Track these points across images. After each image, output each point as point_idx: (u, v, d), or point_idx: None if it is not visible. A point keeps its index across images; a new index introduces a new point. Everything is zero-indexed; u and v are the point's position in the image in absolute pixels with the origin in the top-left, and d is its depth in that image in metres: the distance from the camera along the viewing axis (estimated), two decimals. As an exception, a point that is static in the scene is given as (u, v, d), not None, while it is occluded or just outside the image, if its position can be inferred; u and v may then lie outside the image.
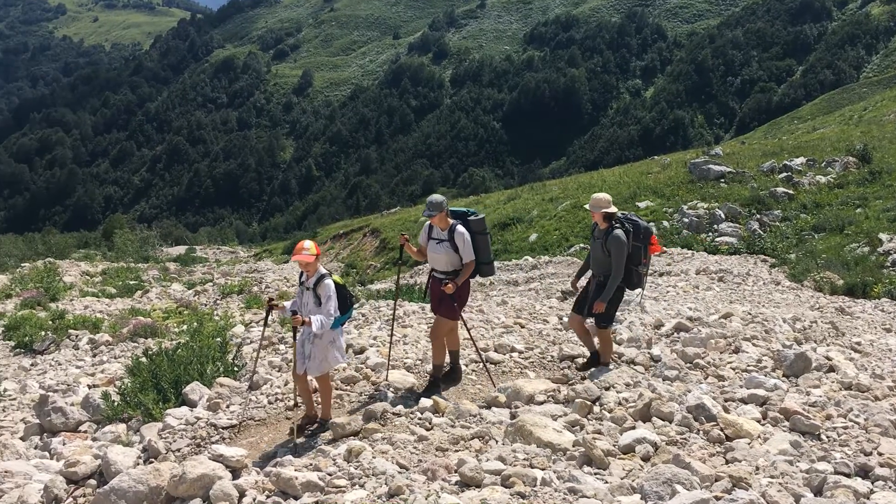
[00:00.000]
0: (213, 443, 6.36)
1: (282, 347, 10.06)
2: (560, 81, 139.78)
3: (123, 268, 26.90)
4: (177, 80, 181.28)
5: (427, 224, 7.22)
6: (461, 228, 6.97)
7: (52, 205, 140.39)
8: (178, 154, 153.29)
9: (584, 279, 7.89)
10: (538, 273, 18.27)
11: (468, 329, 7.83)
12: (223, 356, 8.86)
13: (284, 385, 7.51)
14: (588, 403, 6.26)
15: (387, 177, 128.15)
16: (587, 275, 7.82)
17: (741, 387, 6.80)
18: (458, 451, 5.46)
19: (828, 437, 5.58)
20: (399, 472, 4.93)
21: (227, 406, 7.14)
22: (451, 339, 7.35)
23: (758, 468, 4.87)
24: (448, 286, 6.92)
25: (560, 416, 6.05)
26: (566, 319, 9.37)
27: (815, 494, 4.50)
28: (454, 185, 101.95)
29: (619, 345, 8.43)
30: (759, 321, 9.58)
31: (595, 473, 4.83)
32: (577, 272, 8.01)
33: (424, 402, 6.61)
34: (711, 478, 4.65)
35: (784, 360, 7.45)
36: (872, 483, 4.71)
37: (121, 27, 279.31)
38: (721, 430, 5.58)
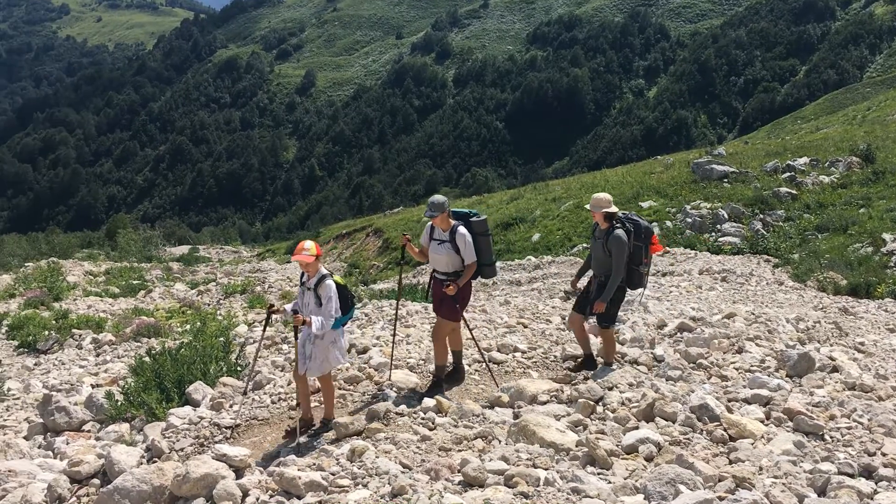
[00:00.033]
0: (217, 442, 6.37)
1: (285, 347, 10.08)
2: (563, 81, 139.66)
3: (127, 267, 26.93)
4: (180, 80, 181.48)
5: (429, 225, 7.20)
6: (462, 230, 6.95)
7: (56, 204, 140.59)
8: (182, 154, 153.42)
9: (585, 279, 7.89)
10: (541, 273, 18.25)
11: (470, 329, 7.83)
12: (226, 356, 8.89)
13: (287, 385, 7.53)
14: (591, 403, 6.26)
15: (390, 177, 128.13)
16: (588, 275, 7.82)
17: (744, 387, 6.79)
18: (462, 451, 5.46)
19: (831, 438, 5.57)
20: (402, 472, 4.93)
21: (231, 406, 7.16)
22: (454, 340, 7.35)
23: (761, 468, 4.86)
24: (450, 288, 6.90)
25: (563, 416, 6.04)
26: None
27: (819, 495, 4.49)
28: (457, 185, 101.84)
29: (623, 345, 8.42)
30: (763, 321, 9.56)
31: (598, 473, 4.83)
32: (578, 272, 8.00)
33: (427, 402, 6.61)
34: (715, 478, 4.64)
35: (787, 361, 7.44)
36: (876, 483, 4.70)
37: (124, 27, 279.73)
38: (724, 431, 5.57)
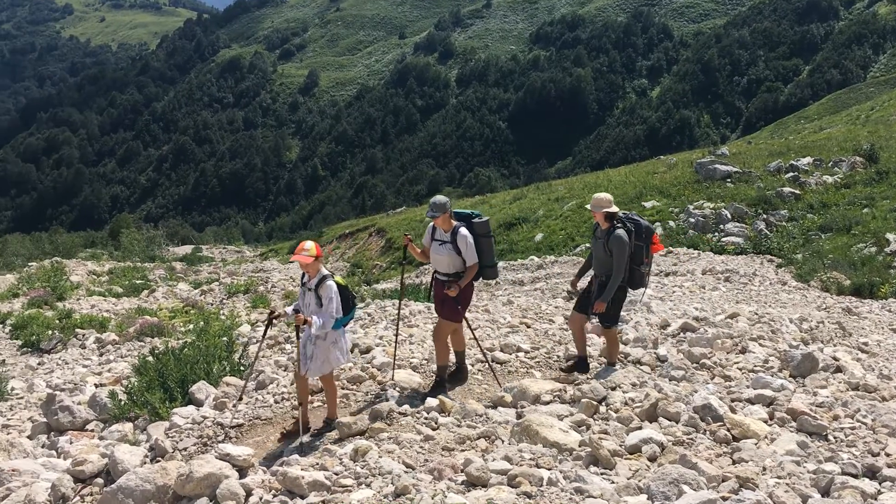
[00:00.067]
0: (220, 442, 6.37)
1: (288, 347, 10.09)
2: (566, 81, 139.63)
3: (130, 267, 27.00)
4: (183, 80, 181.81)
5: (431, 225, 7.18)
6: (464, 231, 6.93)
7: (59, 204, 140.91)
8: (185, 154, 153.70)
9: (585, 279, 7.87)
10: (544, 273, 18.23)
11: (472, 329, 7.83)
12: (229, 355, 8.91)
13: (290, 384, 7.53)
14: (594, 403, 6.25)
15: (392, 176, 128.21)
16: (588, 274, 7.81)
17: (748, 387, 6.78)
18: (465, 451, 5.45)
19: (835, 438, 5.57)
20: (405, 472, 4.93)
21: (234, 405, 7.16)
22: (456, 340, 7.34)
23: (765, 468, 4.85)
24: (451, 289, 6.90)
25: (566, 416, 6.04)
26: (571, 319, 9.35)
27: (823, 495, 4.48)
28: (460, 185, 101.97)
29: (626, 345, 8.41)
30: (766, 321, 9.54)
31: (601, 473, 4.82)
32: (578, 272, 7.98)
33: (430, 402, 6.61)
34: (718, 478, 4.64)
35: (791, 361, 7.43)
36: (880, 484, 4.69)
37: (127, 27, 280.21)
38: (728, 431, 5.56)
